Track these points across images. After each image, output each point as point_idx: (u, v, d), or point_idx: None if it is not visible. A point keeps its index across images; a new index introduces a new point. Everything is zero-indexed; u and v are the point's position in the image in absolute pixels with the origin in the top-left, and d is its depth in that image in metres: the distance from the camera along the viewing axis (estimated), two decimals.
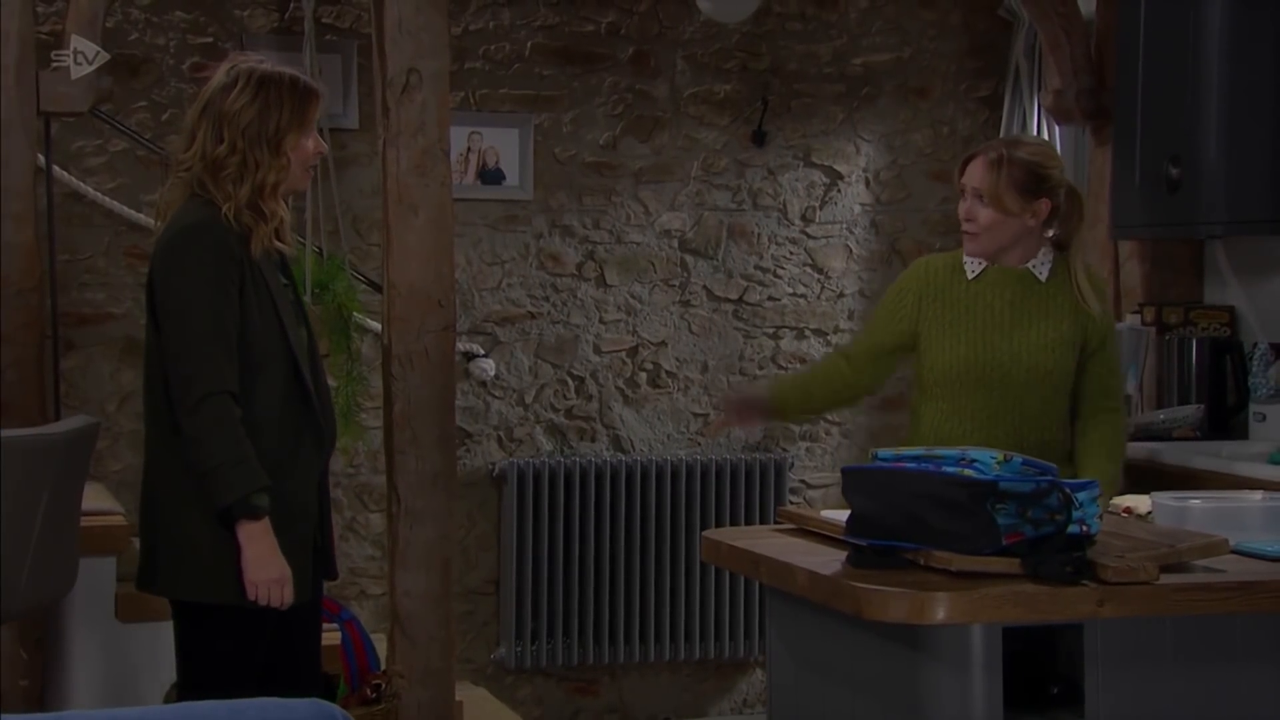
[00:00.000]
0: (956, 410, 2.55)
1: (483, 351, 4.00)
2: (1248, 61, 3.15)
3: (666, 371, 4.15)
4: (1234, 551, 1.89)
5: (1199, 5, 3.17)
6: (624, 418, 4.12)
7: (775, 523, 2.19)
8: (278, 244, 2.33)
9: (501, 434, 4.05)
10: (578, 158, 4.06)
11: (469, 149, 3.96)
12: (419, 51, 3.08)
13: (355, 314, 3.51)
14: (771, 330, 4.23)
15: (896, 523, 1.85)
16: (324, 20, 3.86)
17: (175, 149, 2.38)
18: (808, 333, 4.25)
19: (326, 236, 3.42)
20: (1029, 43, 4.02)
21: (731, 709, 4.21)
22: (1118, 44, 3.45)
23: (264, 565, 2.21)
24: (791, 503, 4.17)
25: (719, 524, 4.06)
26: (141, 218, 3.72)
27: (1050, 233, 2.54)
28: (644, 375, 4.14)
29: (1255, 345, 3.24)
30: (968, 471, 1.84)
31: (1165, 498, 2.01)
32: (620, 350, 4.13)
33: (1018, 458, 1.87)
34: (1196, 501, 1.99)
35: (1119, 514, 2.12)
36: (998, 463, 1.85)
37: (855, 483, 1.91)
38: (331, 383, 3.24)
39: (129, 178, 3.75)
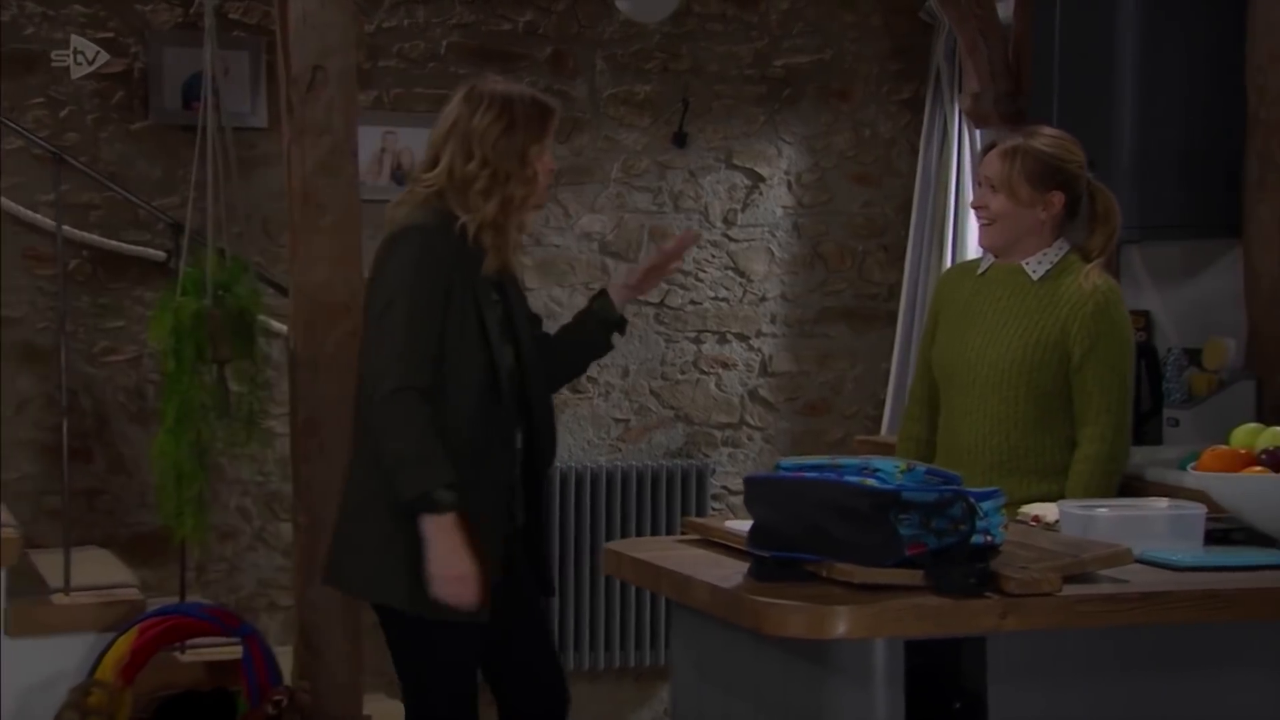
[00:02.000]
0: (944, 409, 2.52)
1: None
2: (1160, 67, 3.16)
3: (587, 377, 4.08)
4: (1140, 561, 1.87)
5: (1112, 10, 3.18)
6: None
7: (680, 533, 2.13)
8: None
9: None
10: None
11: (383, 149, 3.87)
12: (324, 48, 2.99)
13: (263, 318, 3.40)
14: (693, 334, 4.19)
15: (799, 534, 1.80)
16: (231, 16, 3.75)
17: (414, 170, 2.44)
18: (730, 336, 4.21)
19: (234, 238, 3.31)
20: (949, 46, 4.02)
21: (651, 718, 4.15)
22: (1033, 49, 3.45)
23: (445, 561, 2.18)
24: (713, 510, 4.13)
25: (640, 532, 4.00)
26: (39, 218, 3.59)
27: (1059, 238, 2.46)
28: None
29: (1170, 350, 3.25)
30: (870, 481, 1.79)
31: (1071, 506, 1.98)
32: None
33: (921, 467, 1.83)
34: (1103, 510, 1.97)
35: (1027, 522, 2.10)
36: (900, 472, 1.80)
37: (757, 493, 1.86)
38: (236, 388, 3.15)
39: (24, 176, 3.61)
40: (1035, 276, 2.46)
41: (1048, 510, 2.08)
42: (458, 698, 2.28)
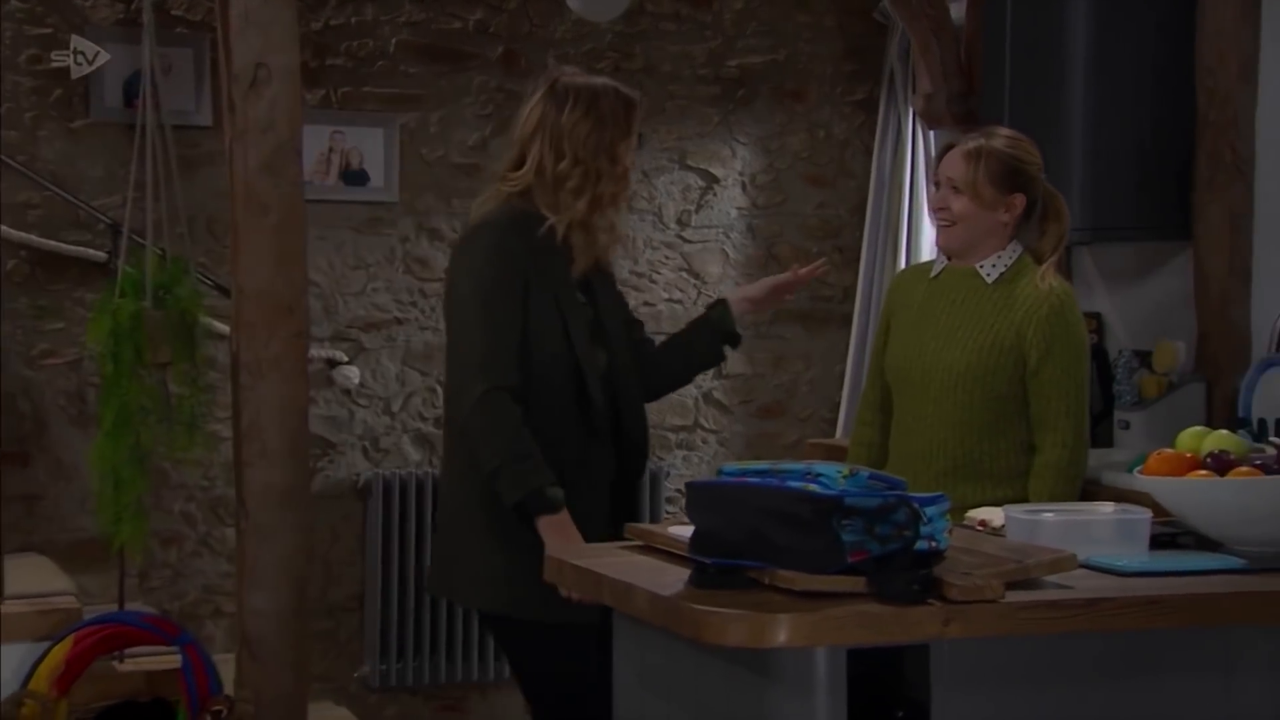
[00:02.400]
0: (897, 414, 2.49)
1: (346, 359, 3.86)
2: (1111, 68, 3.16)
3: None
4: (1085, 566, 1.86)
5: (1063, 10, 3.18)
6: None
7: (623, 539, 2.10)
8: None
9: (367, 444, 3.91)
10: (446, 159, 3.94)
11: (331, 149, 3.81)
12: (267, 45, 2.93)
13: (207, 320, 3.34)
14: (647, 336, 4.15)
15: (740, 540, 1.77)
16: (174, 12, 3.68)
17: (499, 168, 2.37)
18: None
19: (177, 239, 3.25)
20: (903, 47, 4.01)
21: None
22: (984, 49, 3.44)
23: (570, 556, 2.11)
24: (668, 513, 4.09)
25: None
26: None
27: (1013, 240, 2.44)
28: None
29: (1121, 353, 3.25)
30: (812, 486, 1.76)
31: (1017, 511, 1.96)
32: None
33: (864, 472, 1.80)
34: (1049, 515, 1.95)
35: (974, 527, 2.08)
36: (843, 477, 1.78)
37: (699, 499, 1.82)
38: (178, 391, 3.09)
39: None
40: (990, 279, 2.44)
41: (994, 515, 2.06)
42: (579, 699, 2.22)
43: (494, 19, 3.95)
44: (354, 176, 3.84)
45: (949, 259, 2.50)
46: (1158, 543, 1.97)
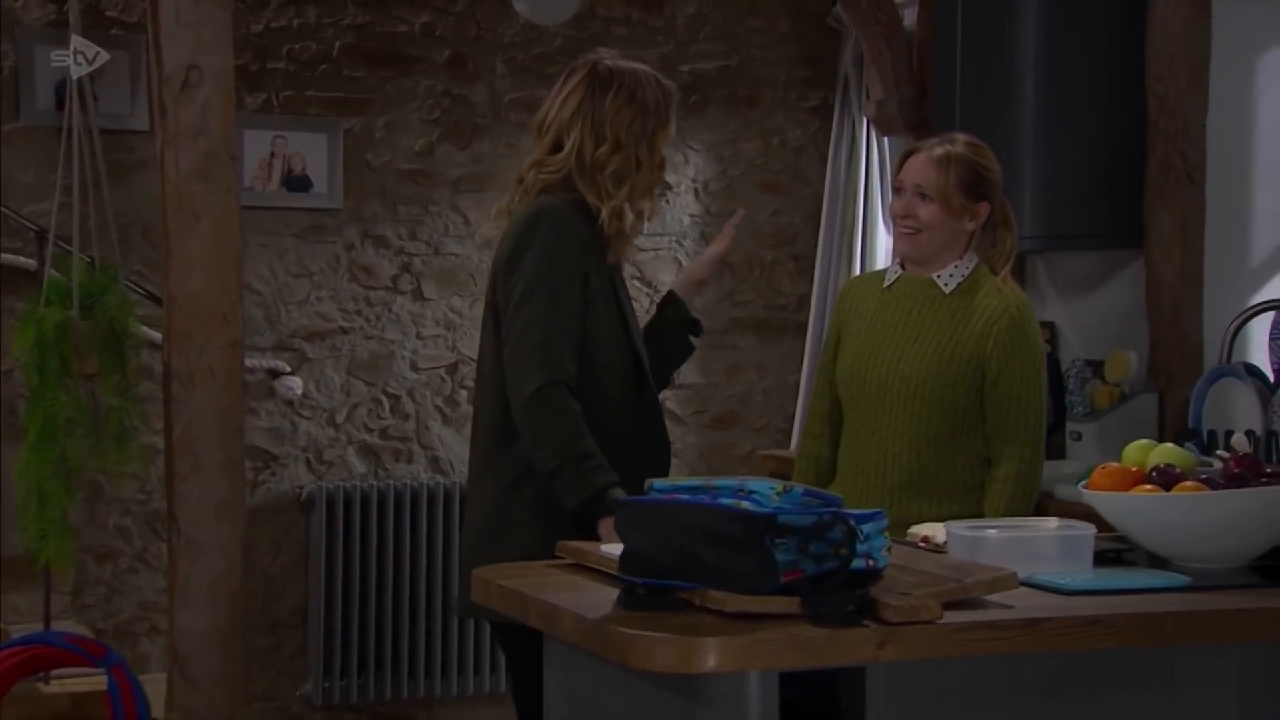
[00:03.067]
0: (848, 428, 2.43)
1: (289, 369, 3.77)
2: (1062, 73, 3.13)
3: None
4: (1027, 584, 1.80)
5: (1014, 17, 3.14)
6: (443, 438, 3.93)
7: (555, 557, 2.03)
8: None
9: (310, 456, 3.82)
10: (391, 165, 3.86)
11: (272, 154, 3.73)
12: (199, 47, 2.86)
13: (142, 329, 3.24)
14: None
15: (671, 560, 1.71)
16: (108, 13, 3.59)
17: (534, 153, 2.26)
18: None
19: (108, 246, 3.16)
20: (857, 53, 3.96)
21: None
22: (935, 55, 3.40)
23: None
24: None
25: None
26: None
27: (969, 250, 2.39)
28: (464, 393, 3.95)
29: (1073, 363, 3.21)
30: (744, 504, 1.70)
31: (959, 527, 1.91)
32: (439, 367, 3.93)
33: (799, 488, 1.74)
34: (992, 532, 1.90)
35: (916, 544, 2.02)
36: (777, 494, 1.72)
37: (629, 517, 1.76)
38: (110, 402, 2.99)
39: None
40: (948, 289, 2.38)
41: (937, 531, 2.01)
42: None
43: (440, 22, 3.88)
44: (296, 182, 3.75)
45: (903, 268, 2.45)
46: (1104, 559, 1.92)
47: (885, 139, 3.85)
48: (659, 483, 1.79)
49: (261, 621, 3.71)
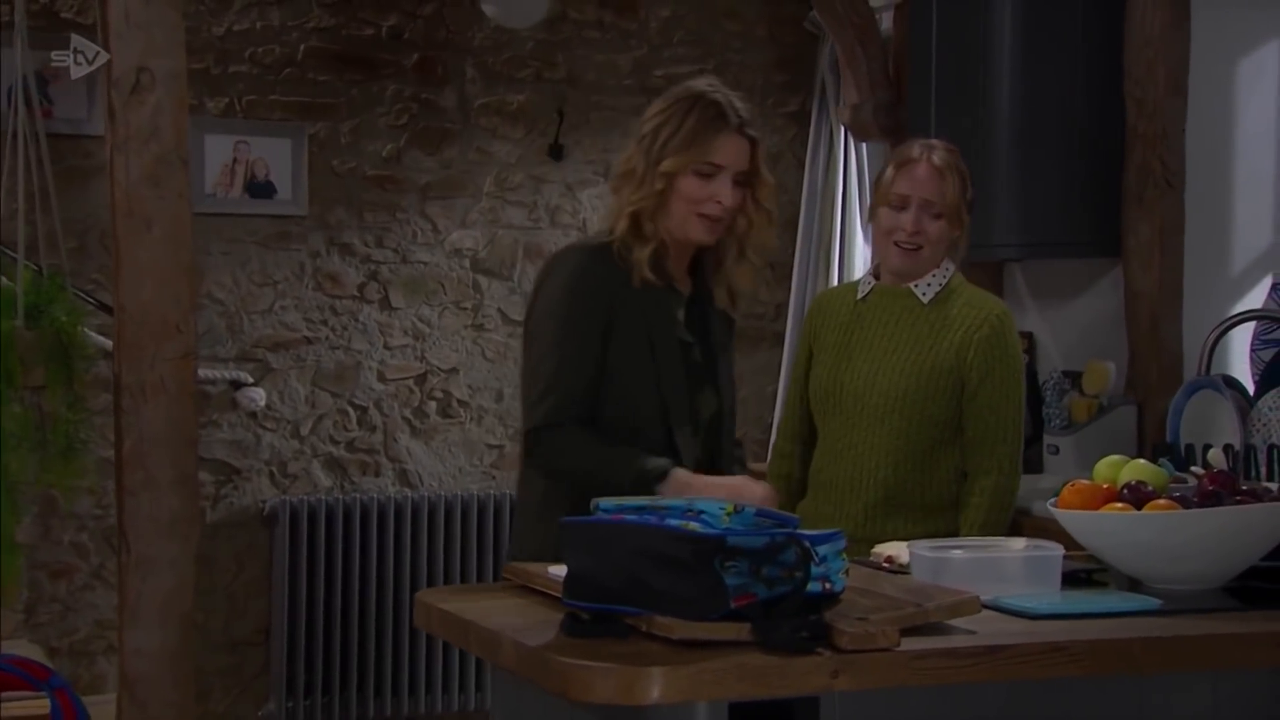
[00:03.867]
0: (821, 443, 2.35)
1: (251, 380, 3.68)
2: (1040, 78, 3.06)
3: (458, 400, 3.89)
4: (992, 608, 1.72)
5: (990, 20, 3.07)
6: (411, 450, 3.84)
7: (501, 579, 1.94)
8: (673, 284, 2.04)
9: (274, 469, 3.73)
10: (358, 170, 3.78)
11: (235, 160, 3.64)
12: (150, 48, 2.78)
13: (95, 338, 3.16)
14: None
15: (617, 584, 1.62)
16: (64, 15, 3.51)
17: None
18: None
19: (60, 254, 3.07)
20: (835, 57, 3.89)
21: None
22: (910, 59, 3.33)
23: None
24: None
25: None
26: None
27: (945, 258, 2.31)
28: (433, 404, 3.87)
29: (1051, 374, 3.13)
30: (693, 525, 1.62)
31: (922, 547, 1.82)
32: (407, 378, 3.85)
33: (751, 508, 1.66)
34: (958, 552, 1.82)
35: (880, 564, 1.94)
36: (727, 514, 1.63)
37: (573, 538, 1.68)
38: (61, 415, 2.90)
39: None
40: (926, 299, 2.30)
41: (901, 551, 1.92)
42: None
43: (408, 25, 3.80)
44: (260, 188, 3.67)
45: (877, 277, 2.36)
46: (1074, 580, 1.84)
47: (863, 145, 3.77)
48: (605, 502, 1.71)
49: (223, 640, 3.62)
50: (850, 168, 3.94)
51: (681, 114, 2.02)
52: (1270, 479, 2.19)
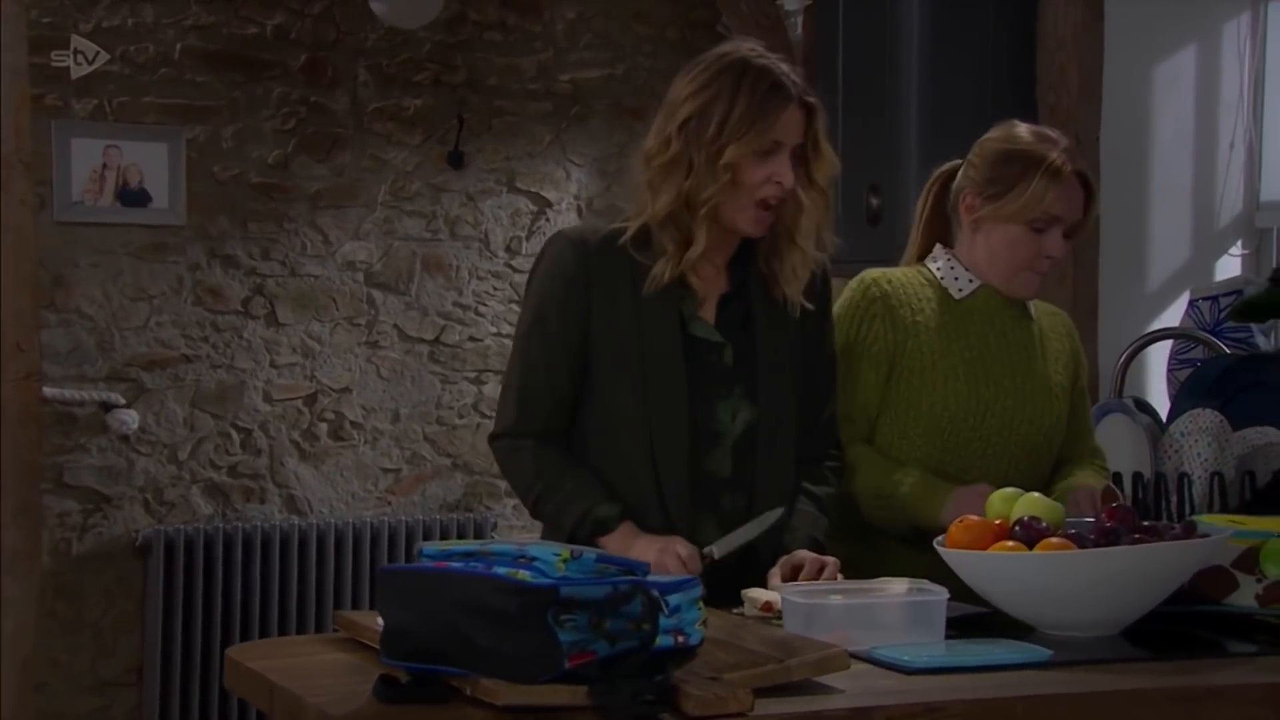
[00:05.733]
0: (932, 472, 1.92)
1: (123, 401, 3.45)
2: (949, 85, 2.91)
3: (351, 422, 3.68)
4: (868, 660, 1.55)
5: (897, 26, 2.92)
6: (300, 475, 3.63)
7: (333, 629, 1.75)
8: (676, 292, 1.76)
9: (148, 496, 3.50)
10: (242, 178, 3.57)
11: (104, 165, 3.42)
12: None
13: None
14: (473, 374, 3.81)
15: (438, 641, 1.43)
16: None
17: None
18: None
19: None
20: None
21: None
22: (817, 65, 3.18)
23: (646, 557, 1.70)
24: None
25: None
26: None
27: None
28: (324, 426, 3.66)
29: None
30: (522, 574, 1.44)
31: (794, 592, 1.64)
32: (295, 398, 3.63)
33: (591, 553, 1.47)
34: (836, 598, 1.64)
35: (757, 611, 1.75)
36: (562, 560, 1.45)
37: (390, 588, 1.48)
38: None
39: None
40: (1033, 312, 1.99)
41: (778, 597, 1.74)
42: None
43: (295, 24, 3.60)
44: (133, 196, 3.45)
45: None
46: (963, 625, 1.67)
47: None
48: (428, 547, 1.51)
49: (89, 681, 3.39)
50: None
51: (732, 89, 1.71)
52: (1183, 511, 2.03)
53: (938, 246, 2.05)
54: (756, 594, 1.80)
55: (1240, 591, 1.67)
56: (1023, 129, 1.99)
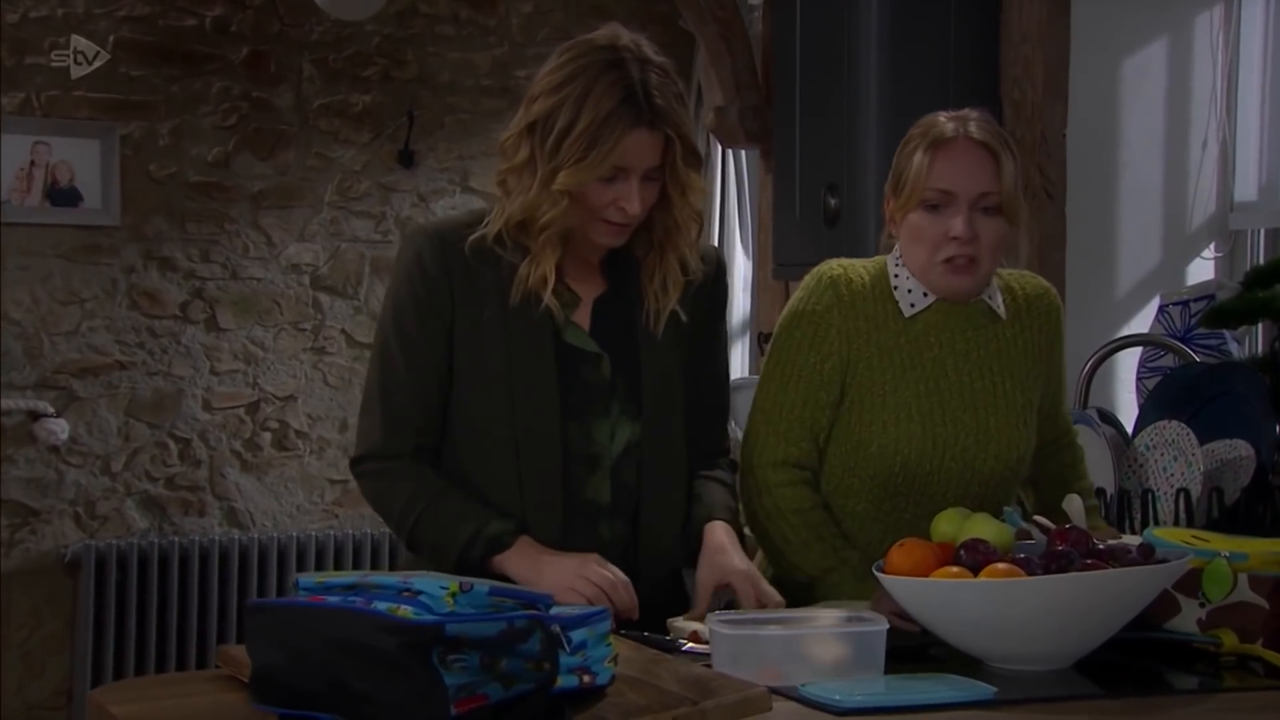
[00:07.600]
0: (879, 516, 1.73)
1: (53, 410, 3.31)
2: (909, 81, 2.78)
3: (296, 431, 3.54)
4: (798, 699, 1.41)
5: (855, 20, 2.80)
6: (241, 487, 3.48)
7: (215, 666, 1.61)
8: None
9: (80, 510, 3.35)
10: (179, 176, 3.43)
11: (32, 163, 3.28)
12: None
13: None
14: None
15: (311, 684, 1.30)
16: None
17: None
18: None
19: None
20: None
21: None
22: (775, 59, 3.05)
23: (549, 578, 1.56)
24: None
25: None
26: None
27: None
28: (267, 436, 3.51)
29: None
30: (405, 609, 1.30)
31: (720, 623, 1.50)
32: (237, 406, 3.49)
33: (483, 585, 1.34)
34: (774, 629, 1.49)
35: (682, 643, 1.61)
36: (450, 594, 1.31)
37: (260, 625, 1.34)
38: None
39: None
40: (1002, 314, 1.74)
41: (705, 628, 1.60)
42: None
43: (236, 16, 3.46)
44: (63, 196, 3.31)
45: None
46: (905, 656, 1.53)
47: (729, 151, 3.49)
48: (304, 579, 1.37)
49: (16, 704, 3.24)
50: (728, 175, 3.67)
51: (579, 98, 1.56)
52: (1146, 529, 1.90)
53: (898, 245, 1.85)
54: (683, 624, 1.66)
55: (1182, 616, 1.53)
56: (935, 115, 1.77)
